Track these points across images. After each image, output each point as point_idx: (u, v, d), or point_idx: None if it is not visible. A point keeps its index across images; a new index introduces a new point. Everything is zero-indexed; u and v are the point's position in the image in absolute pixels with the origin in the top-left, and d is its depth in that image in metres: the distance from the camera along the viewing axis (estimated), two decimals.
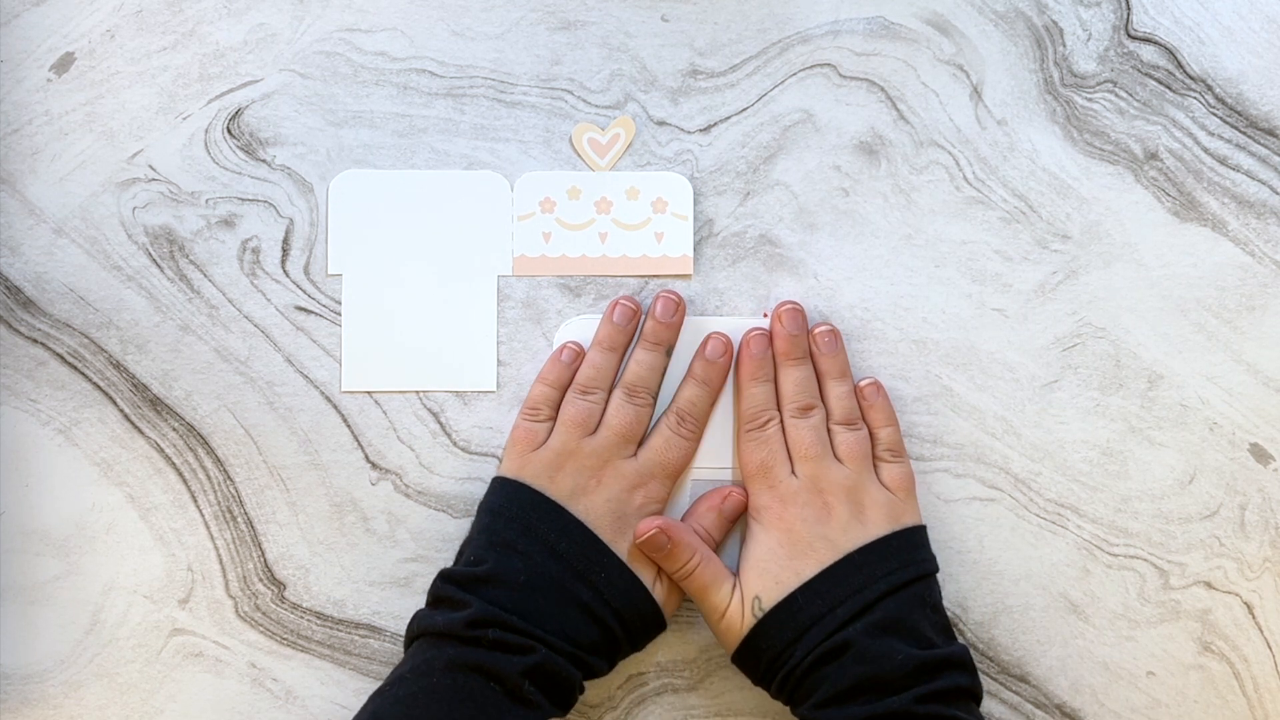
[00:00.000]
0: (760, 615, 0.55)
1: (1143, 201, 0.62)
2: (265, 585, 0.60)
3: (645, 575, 0.56)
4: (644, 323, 0.59)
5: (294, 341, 0.61)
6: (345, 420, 0.61)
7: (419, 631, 0.54)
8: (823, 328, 0.59)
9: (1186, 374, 0.62)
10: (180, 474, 0.60)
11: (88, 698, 0.60)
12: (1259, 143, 0.62)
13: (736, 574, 0.57)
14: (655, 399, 0.59)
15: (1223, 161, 0.62)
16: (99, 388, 0.60)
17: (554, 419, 0.58)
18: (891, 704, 0.51)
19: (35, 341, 0.60)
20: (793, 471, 0.58)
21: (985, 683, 0.61)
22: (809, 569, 0.55)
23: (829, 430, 0.58)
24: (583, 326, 0.61)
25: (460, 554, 0.57)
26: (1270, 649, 0.61)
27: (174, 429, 0.61)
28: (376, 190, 0.61)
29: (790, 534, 0.56)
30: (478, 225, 0.61)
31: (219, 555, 0.60)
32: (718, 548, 0.59)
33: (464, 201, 0.61)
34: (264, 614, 0.60)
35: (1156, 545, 0.61)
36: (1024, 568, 0.61)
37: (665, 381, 0.60)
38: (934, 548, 0.61)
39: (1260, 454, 0.62)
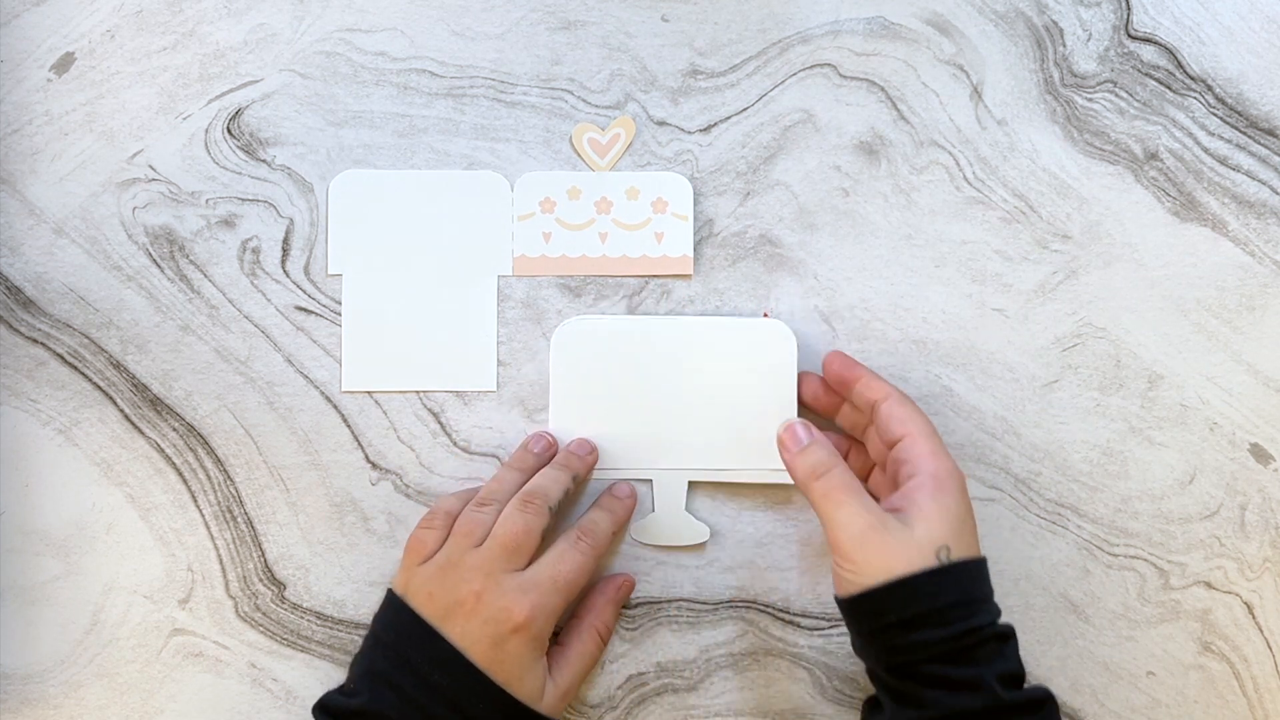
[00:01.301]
0: (944, 561, 0.50)
1: (1143, 201, 0.62)
2: (265, 585, 0.60)
3: (527, 682, 0.53)
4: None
5: (294, 341, 0.61)
6: (345, 420, 0.61)
7: None
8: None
9: (1186, 374, 0.62)
10: (180, 474, 0.60)
11: (88, 698, 0.60)
12: (1259, 143, 0.62)
13: (894, 509, 0.52)
14: (552, 513, 0.56)
15: (1223, 161, 0.62)
16: (99, 388, 0.60)
17: (449, 530, 0.56)
18: (1042, 690, 0.51)
19: (35, 341, 0.60)
20: None
21: None
22: (978, 554, 0.53)
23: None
24: (581, 327, 0.61)
25: (351, 664, 0.55)
26: (1270, 649, 0.61)
27: (174, 429, 0.61)
28: (376, 190, 0.61)
29: (969, 511, 0.53)
30: (478, 225, 0.61)
31: (219, 555, 0.60)
32: (612, 634, 0.59)
33: (464, 201, 0.61)
34: (264, 614, 0.60)
35: (1156, 545, 0.61)
36: (1024, 568, 0.61)
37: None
38: None
39: (1260, 454, 0.62)
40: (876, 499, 0.52)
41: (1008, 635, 0.51)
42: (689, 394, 0.60)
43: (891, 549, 0.50)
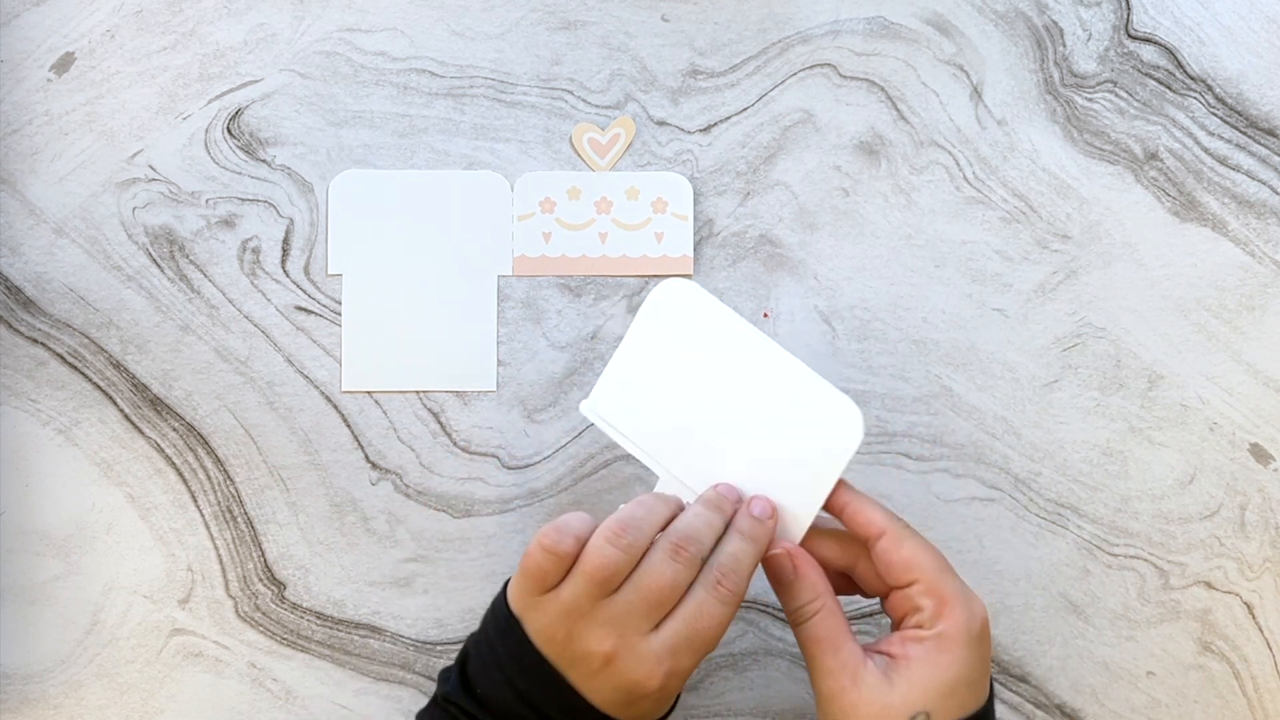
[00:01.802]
0: None
1: (1143, 201, 0.62)
2: (265, 585, 0.60)
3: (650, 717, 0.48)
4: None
5: (294, 341, 0.61)
6: (345, 420, 0.61)
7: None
8: None
9: (1186, 374, 0.62)
10: (180, 474, 0.60)
11: (88, 698, 0.60)
12: (1259, 143, 0.62)
13: (884, 653, 0.48)
14: (700, 566, 0.48)
15: (1223, 161, 0.62)
16: (99, 388, 0.60)
17: (575, 558, 0.48)
18: None
19: (35, 341, 0.60)
20: None
21: None
22: (983, 699, 0.48)
23: None
24: (689, 294, 0.53)
25: (464, 662, 0.50)
26: (1270, 649, 0.61)
27: (174, 429, 0.61)
28: (377, 190, 0.61)
29: (986, 656, 0.48)
30: (478, 225, 0.61)
31: (219, 555, 0.60)
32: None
33: (464, 201, 0.61)
34: (264, 614, 0.60)
35: (1156, 545, 0.61)
36: (1024, 568, 0.61)
37: None
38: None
39: (1260, 454, 0.62)
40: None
41: None
42: (744, 420, 0.53)
43: (862, 711, 0.47)
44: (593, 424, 0.60)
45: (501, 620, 0.49)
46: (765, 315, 0.61)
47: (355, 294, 0.61)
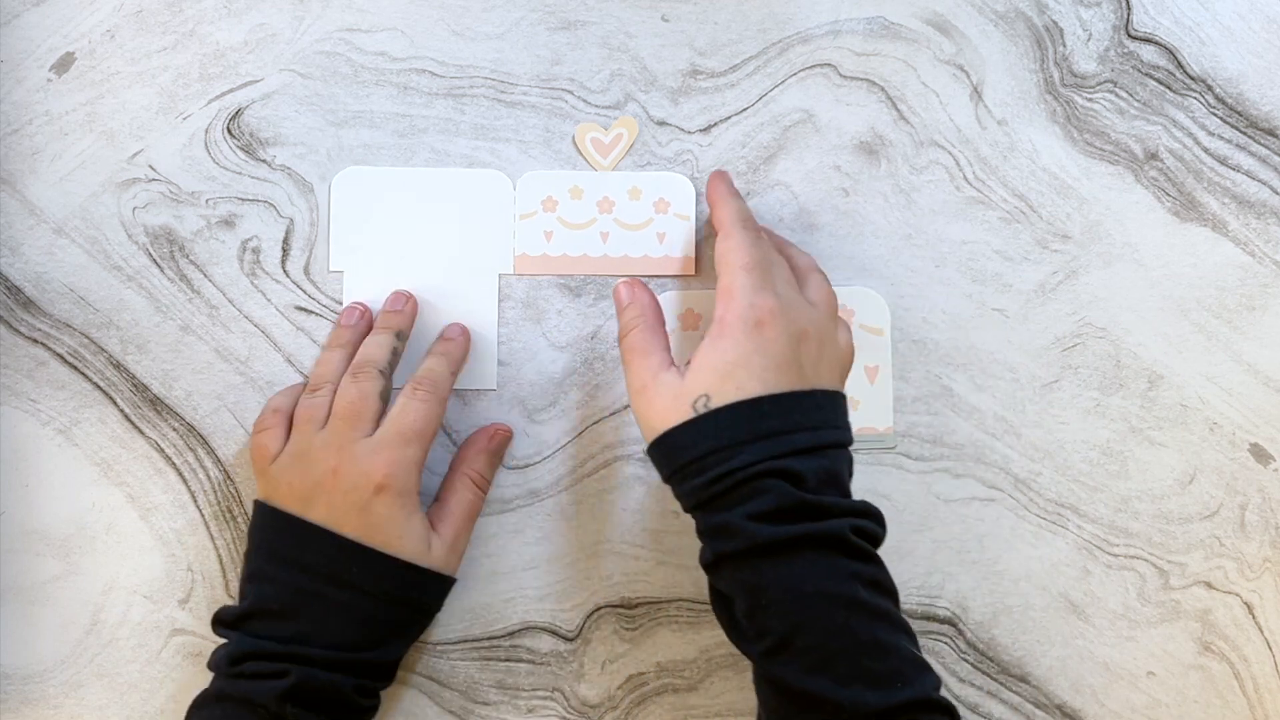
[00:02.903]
0: (701, 411, 0.50)
1: (1143, 201, 0.62)
2: None
3: (408, 540, 0.54)
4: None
5: (294, 341, 0.61)
6: None
7: (209, 664, 0.54)
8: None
9: (1186, 374, 0.62)
10: (180, 474, 0.60)
11: (88, 698, 0.60)
12: (1259, 143, 0.62)
13: (682, 364, 0.53)
14: (384, 375, 0.57)
15: (1223, 161, 0.62)
16: (99, 388, 0.60)
17: (288, 426, 0.57)
18: (831, 526, 0.49)
19: (35, 341, 0.60)
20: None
21: (985, 683, 0.61)
22: (782, 384, 0.50)
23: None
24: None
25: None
26: (1270, 649, 0.61)
27: (174, 429, 0.60)
28: (379, 187, 0.61)
29: (768, 345, 0.51)
30: (480, 223, 0.61)
31: (219, 555, 0.60)
32: (490, 487, 0.60)
33: (466, 199, 0.61)
34: None
35: (1157, 545, 0.61)
36: (1024, 568, 0.61)
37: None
38: (933, 547, 0.61)
39: (1260, 454, 0.62)
40: None
41: (783, 472, 0.49)
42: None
43: (657, 406, 0.52)
44: (594, 424, 0.61)
45: (253, 519, 0.56)
46: None
47: (356, 291, 0.61)
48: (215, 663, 0.53)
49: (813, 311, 0.54)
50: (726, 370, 0.50)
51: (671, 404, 0.51)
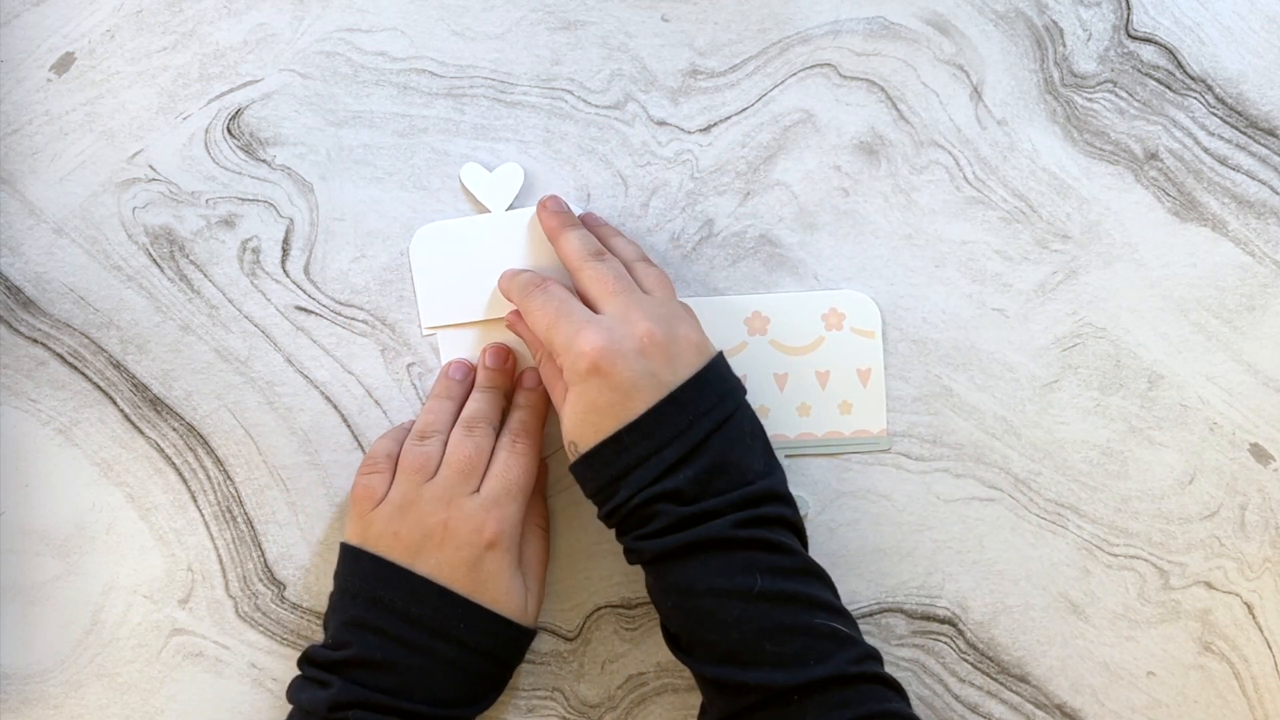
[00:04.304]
0: (576, 456, 0.53)
1: (1143, 201, 0.62)
2: (265, 585, 0.60)
3: (512, 597, 0.55)
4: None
5: (294, 341, 0.61)
6: (345, 420, 0.61)
7: (292, 704, 0.54)
8: (589, 213, 0.61)
9: (1186, 374, 0.62)
10: (180, 474, 0.60)
11: (88, 698, 0.60)
12: (1259, 143, 0.62)
13: None
14: (496, 432, 0.58)
15: (1223, 161, 0.62)
16: (99, 388, 0.60)
17: (393, 471, 0.57)
18: (712, 529, 0.50)
19: (35, 341, 0.60)
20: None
21: (985, 683, 0.61)
22: (638, 408, 0.51)
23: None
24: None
25: (325, 623, 0.56)
26: (1270, 649, 0.61)
27: (174, 429, 0.61)
28: (454, 238, 0.61)
29: (609, 380, 0.51)
30: (554, 260, 0.60)
31: (219, 555, 0.60)
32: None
33: (540, 238, 0.60)
34: (264, 614, 0.60)
35: (1156, 545, 0.61)
36: (1024, 568, 0.61)
37: None
38: (933, 547, 0.61)
39: (1260, 454, 0.62)
40: None
41: (662, 495, 0.51)
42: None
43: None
44: None
45: (347, 563, 0.55)
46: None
47: (453, 350, 0.61)
48: (311, 703, 0.52)
49: (650, 303, 0.54)
50: (581, 418, 0.52)
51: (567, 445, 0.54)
